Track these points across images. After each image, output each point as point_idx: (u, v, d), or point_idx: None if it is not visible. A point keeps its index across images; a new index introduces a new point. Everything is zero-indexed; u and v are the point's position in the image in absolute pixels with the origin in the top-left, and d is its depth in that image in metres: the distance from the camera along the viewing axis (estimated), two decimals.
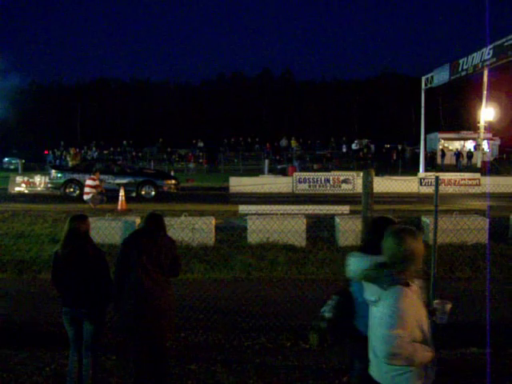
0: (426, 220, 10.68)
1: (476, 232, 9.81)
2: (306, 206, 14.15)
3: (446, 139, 47.51)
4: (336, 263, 8.70)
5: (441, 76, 25.09)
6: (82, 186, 18.08)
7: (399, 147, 46.35)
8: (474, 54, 21.54)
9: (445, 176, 24.32)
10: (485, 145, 37.79)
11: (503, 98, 43.62)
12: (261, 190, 22.82)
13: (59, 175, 19.93)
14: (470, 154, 40.62)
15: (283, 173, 31.63)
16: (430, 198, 6.29)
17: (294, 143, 45.87)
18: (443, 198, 18.57)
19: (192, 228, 10.21)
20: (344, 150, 45.06)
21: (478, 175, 25.08)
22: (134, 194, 19.11)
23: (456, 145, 46.23)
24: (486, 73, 30.41)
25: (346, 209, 13.91)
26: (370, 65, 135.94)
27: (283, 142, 47.22)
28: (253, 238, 10.35)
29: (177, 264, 4.39)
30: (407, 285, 2.76)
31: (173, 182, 20.28)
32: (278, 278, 8.07)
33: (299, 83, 75.72)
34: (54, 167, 22.38)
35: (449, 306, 3.36)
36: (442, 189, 22.61)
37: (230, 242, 10.42)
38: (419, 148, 31.56)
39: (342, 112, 66.42)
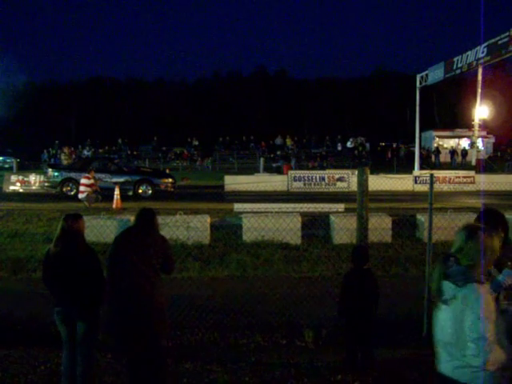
0: (421, 218, 10.73)
1: None
2: (301, 204, 14.15)
3: (440, 137, 47.74)
4: (331, 261, 8.72)
5: (435, 74, 25.16)
6: (78, 184, 17.98)
7: (394, 145, 46.49)
8: (469, 53, 21.62)
9: (439, 174, 24.39)
10: (479, 143, 37.98)
11: (497, 96, 43.67)
12: (256, 189, 22.86)
13: (56, 174, 19.78)
14: (464, 152, 40.74)
15: (278, 171, 31.67)
16: (424, 196, 6.31)
17: (289, 141, 45.86)
18: (438, 195, 18.59)
19: (187, 226, 10.22)
20: (339, 148, 45.06)
21: (472, 173, 25.19)
22: (131, 193, 19.07)
23: (451, 143, 46.46)
24: (480, 71, 30.47)
25: (340, 207, 13.95)
26: (365, 63, 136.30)
27: (278, 141, 47.18)
28: (248, 236, 10.36)
29: (169, 263, 4.32)
30: (481, 282, 2.63)
31: (169, 180, 20.28)
32: (273, 276, 8.08)
33: (294, 81, 75.73)
34: (51, 166, 22.07)
35: None
36: (437, 187, 22.68)
37: (225, 240, 10.41)
38: (414, 146, 31.66)
39: (337, 110, 66.43)
